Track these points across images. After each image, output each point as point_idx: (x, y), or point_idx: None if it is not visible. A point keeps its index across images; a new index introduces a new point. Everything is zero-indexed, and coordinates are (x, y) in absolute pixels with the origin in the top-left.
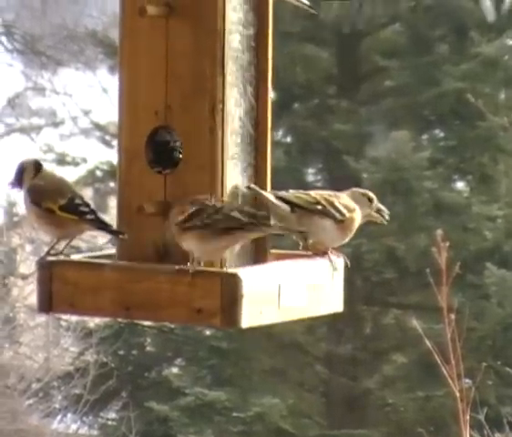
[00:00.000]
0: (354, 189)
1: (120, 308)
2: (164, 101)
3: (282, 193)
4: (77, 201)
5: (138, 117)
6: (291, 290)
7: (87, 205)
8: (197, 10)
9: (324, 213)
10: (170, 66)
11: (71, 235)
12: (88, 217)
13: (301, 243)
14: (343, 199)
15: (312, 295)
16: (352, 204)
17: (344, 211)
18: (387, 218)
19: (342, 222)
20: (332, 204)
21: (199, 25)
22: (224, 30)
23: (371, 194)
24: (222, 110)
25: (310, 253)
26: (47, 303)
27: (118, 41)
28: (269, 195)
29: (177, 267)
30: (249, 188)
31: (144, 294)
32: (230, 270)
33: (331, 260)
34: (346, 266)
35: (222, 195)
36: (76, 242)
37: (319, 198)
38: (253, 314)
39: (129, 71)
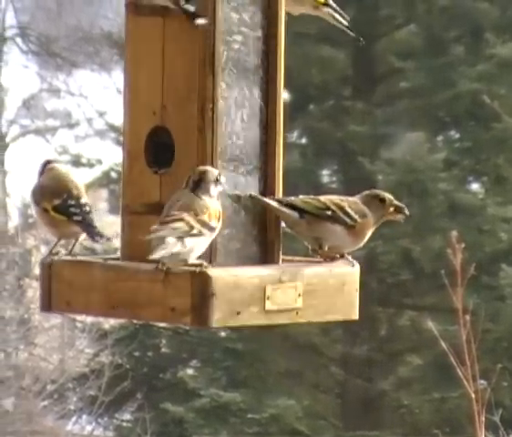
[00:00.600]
0: (367, 192)
1: (108, 307)
2: (161, 101)
3: (290, 198)
4: (70, 202)
5: (138, 118)
6: (279, 294)
7: (80, 206)
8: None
9: (334, 218)
10: (166, 66)
11: (67, 235)
12: (76, 218)
13: (311, 248)
14: (354, 205)
15: (310, 300)
16: (364, 209)
17: (356, 216)
18: (407, 213)
19: (353, 227)
20: (342, 209)
21: (191, 26)
22: (215, 30)
23: (383, 194)
24: (212, 110)
25: (320, 259)
26: (48, 302)
27: (124, 43)
28: (272, 202)
29: (155, 265)
30: (251, 196)
31: (127, 293)
32: (204, 269)
33: (348, 260)
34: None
35: None
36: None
37: (328, 204)
38: (228, 314)
39: (132, 72)
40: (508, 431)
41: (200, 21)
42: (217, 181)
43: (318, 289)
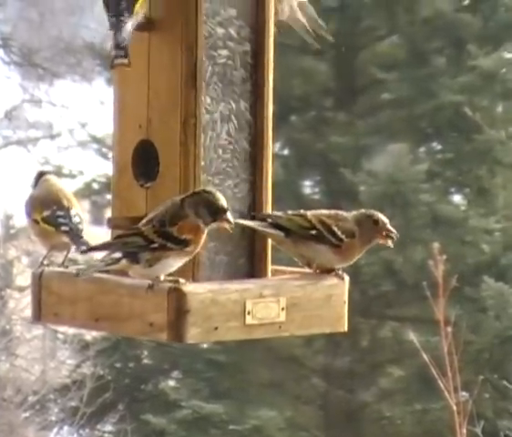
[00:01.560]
0: (362, 211)
1: (91, 319)
2: (146, 115)
3: (276, 215)
4: (59, 213)
5: (126, 131)
6: (260, 308)
7: (69, 216)
8: (172, 25)
9: (319, 238)
10: (151, 80)
11: (57, 246)
12: (64, 228)
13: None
14: (342, 223)
15: (294, 313)
16: (353, 228)
17: (342, 236)
18: (395, 238)
19: (339, 247)
20: (328, 228)
21: (174, 40)
22: (197, 44)
23: (377, 216)
24: (195, 125)
25: (311, 271)
26: (38, 313)
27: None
28: (257, 224)
29: (137, 280)
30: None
31: (109, 306)
32: (179, 286)
33: (338, 275)
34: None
35: None
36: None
37: (314, 222)
38: (205, 330)
39: (120, 85)
40: None
41: (119, 61)
42: (216, 213)
43: (302, 302)
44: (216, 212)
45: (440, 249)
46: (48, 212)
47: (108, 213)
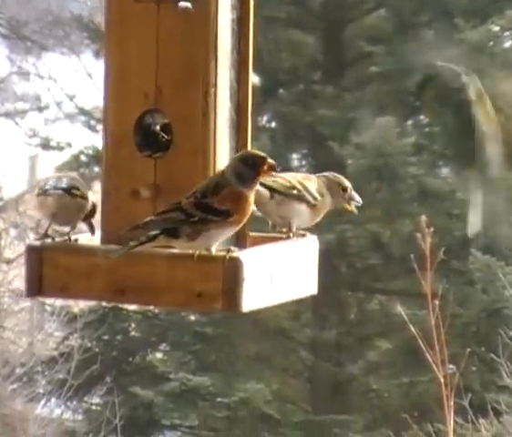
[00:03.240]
0: (329, 176)
1: (114, 291)
2: (154, 84)
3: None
4: (50, 182)
5: (126, 101)
6: (280, 274)
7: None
8: None
9: (300, 197)
10: (161, 50)
11: (47, 212)
12: (51, 192)
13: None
14: (314, 183)
15: (295, 278)
16: (323, 189)
17: (317, 195)
18: (356, 209)
19: (314, 206)
20: (306, 188)
21: (192, 8)
22: (217, 13)
23: (346, 183)
24: (215, 94)
25: (285, 235)
26: (37, 287)
27: (104, 25)
28: None
29: (174, 250)
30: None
31: (140, 278)
32: (232, 254)
33: (310, 238)
34: (328, 254)
35: None
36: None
37: (294, 183)
38: (251, 298)
39: (117, 55)
40: (477, 415)
41: (183, 4)
42: (257, 164)
43: (286, 267)
44: (256, 164)
45: (427, 222)
46: (42, 183)
47: (98, 185)
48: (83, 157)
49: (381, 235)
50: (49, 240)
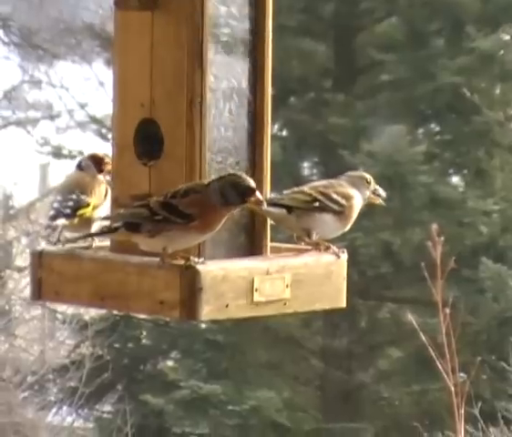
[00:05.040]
0: (351, 173)
1: (96, 298)
2: (149, 94)
3: (277, 197)
4: (58, 198)
5: (127, 110)
6: (267, 285)
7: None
8: (178, 4)
9: (322, 208)
10: (155, 59)
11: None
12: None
13: (297, 236)
14: (339, 188)
15: (297, 290)
16: (350, 191)
17: (343, 201)
18: (384, 197)
19: (341, 213)
20: (328, 197)
21: (179, 19)
22: (203, 24)
23: (368, 176)
24: (201, 104)
25: (309, 247)
26: (37, 291)
27: (113, 36)
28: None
29: (145, 258)
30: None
31: (116, 285)
32: (191, 263)
33: (335, 253)
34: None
35: None
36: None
37: (315, 194)
38: (217, 308)
39: (120, 64)
40: (488, 423)
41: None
42: (245, 194)
43: (305, 279)
44: (244, 193)
45: (438, 231)
46: (51, 199)
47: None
48: None
49: (392, 243)
50: (53, 247)
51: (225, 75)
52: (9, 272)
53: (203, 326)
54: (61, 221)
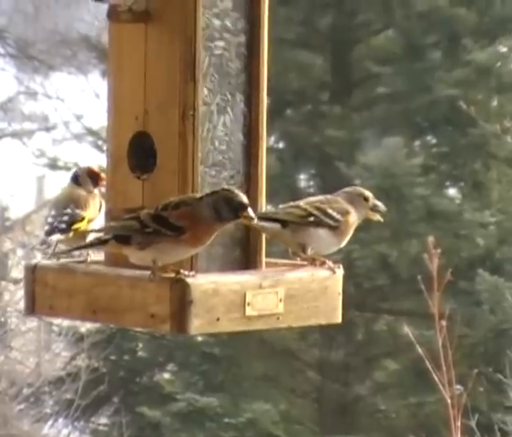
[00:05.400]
0: (349, 190)
1: (89, 311)
2: (143, 107)
3: (271, 211)
4: (52, 213)
5: (121, 122)
6: (260, 299)
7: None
8: (171, 17)
9: (317, 223)
10: (148, 71)
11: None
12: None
13: (292, 251)
14: (335, 203)
15: (291, 305)
16: (346, 206)
17: (338, 216)
18: (383, 212)
19: (337, 228)
20: (324, 212)
21: (172, 32)
22: (195, 36)
23: (366, 193)
24: (194, 116)
25: (303, 262)
26: (31, 305)
27: (108, 47)
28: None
29: (137, 271)
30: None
31: (108, 298)
32: (181, 276)
33: (330, 268)
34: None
35: None
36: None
37: (310, 209)
38: (207, 321)
39: (114, 77)
40: (484, 435)
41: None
42: (237, 209)
43: (299, 293)
44: (237, 208)
45: (435, 243)
46: (45, 214)
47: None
48: None
49: (388, 255)
50: (47, 261)
51: (219, 88)
52: (5, 284)
53: (200, 339)
54: (56, 236)
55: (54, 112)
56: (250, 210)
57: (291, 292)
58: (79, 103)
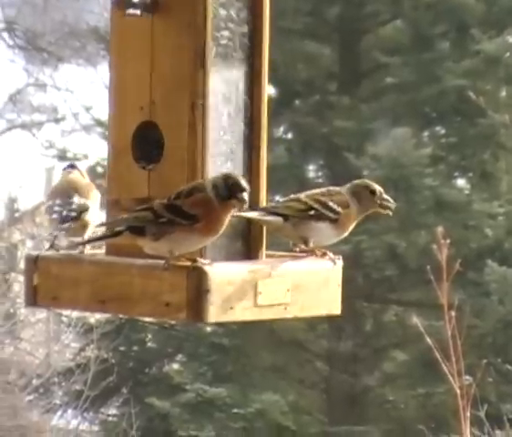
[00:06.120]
0: (357, 182)
1: (96, 301)
2: (149, 97)
3: (272, 205)
4: (57, 202)
5: (125, 113)
6: (270, 289)
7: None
8: (179, 6)
9: (318, 216)
10: (155, 62)
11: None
12: (53, 216)
13: (293, 243)
14: (337, 196)
15: (297, 295)
16: (346, 199)
17: (338, 209)
18: (392, 208)
19: (337, 220)
20: (324, 205)
21: (181, 22)
22: (206, 26)
23: (374, 186)
24: (203, 106)
25: (303, 254)
26: (32, 296)
27: (110, 39)
28: (254, 214)
29: (150, 260)
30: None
31: (118, 288)
32: (199, 264)
33: (331, 259)
34: (344, 266)
35: None
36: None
37: (310, 203)
38: (223, 310)
39: (117, 67)
40: (493, 426)
41: (131, 11)
42: (232, 190)
43: (304, 284)
44: (232, 188)
45: (444, 233)
46: (50, 203)
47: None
48: (99, 169)
49: (397, 246)
50: (52, 251)
51: (224, 78)
52: (14, 275)
53: (208, 329)
54: (68, 225)
55: (63, 103)
56: (245, 195)
57: (298, 282)
58: (88, 94)
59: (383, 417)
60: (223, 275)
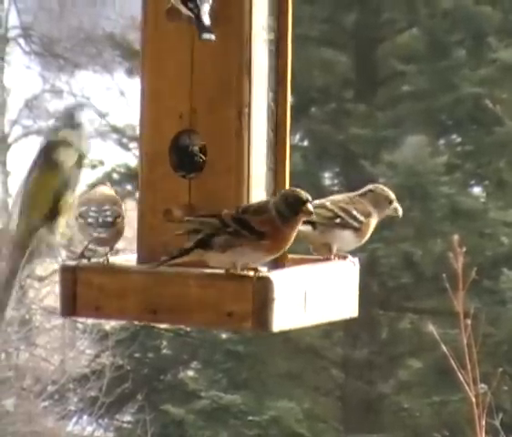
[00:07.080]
0: (376, 189)
1: (147, 311)
2: (189, 105)
3: None
4: (92, 208)
5: (161, 121)
6: (316, 295)
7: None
8: (224, 14)
9: (343, 225)
10: (196, 69)
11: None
12: (89, 220)
13: (313, 248)
14: (360, 205)
15: (332, 299)
16: (368, 208)
17: (361, 218)
18: (400, 214)
19: (359, 229)
20: (349, 213)
21: (226, 29)
22: (251, 33)
23: (392, 195)
24: (249, 114)
25: (325, 257)
26: (71, 307)
27: (140, 45)
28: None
29: (207, 270)
30: None
31: (172, 297)
32: (262, 274)
33: (352, 262)
34: (360, 273)
35: (248, 198)
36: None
37: (336, 211)
38: (283, 318)
39: (153, 75)
40: (509, 435)
41: (206, 36)
42: (295, 206)
43: (327, 289)
44: (295, 205)
45: (459, 242)
46: (84, 208)
47: (129, 203)
48: (115, 175)
49: (413, 254)
50: (84, 261)
51: (259, 86)
52: (30, 281)
53: (224, 336)
54: (104, 230)
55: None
56: (309, 205)
57: (322, 287)
58: (104, 101)
59: (398, 425)
60: (285, 283)
